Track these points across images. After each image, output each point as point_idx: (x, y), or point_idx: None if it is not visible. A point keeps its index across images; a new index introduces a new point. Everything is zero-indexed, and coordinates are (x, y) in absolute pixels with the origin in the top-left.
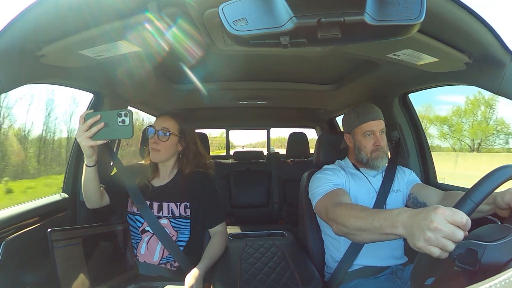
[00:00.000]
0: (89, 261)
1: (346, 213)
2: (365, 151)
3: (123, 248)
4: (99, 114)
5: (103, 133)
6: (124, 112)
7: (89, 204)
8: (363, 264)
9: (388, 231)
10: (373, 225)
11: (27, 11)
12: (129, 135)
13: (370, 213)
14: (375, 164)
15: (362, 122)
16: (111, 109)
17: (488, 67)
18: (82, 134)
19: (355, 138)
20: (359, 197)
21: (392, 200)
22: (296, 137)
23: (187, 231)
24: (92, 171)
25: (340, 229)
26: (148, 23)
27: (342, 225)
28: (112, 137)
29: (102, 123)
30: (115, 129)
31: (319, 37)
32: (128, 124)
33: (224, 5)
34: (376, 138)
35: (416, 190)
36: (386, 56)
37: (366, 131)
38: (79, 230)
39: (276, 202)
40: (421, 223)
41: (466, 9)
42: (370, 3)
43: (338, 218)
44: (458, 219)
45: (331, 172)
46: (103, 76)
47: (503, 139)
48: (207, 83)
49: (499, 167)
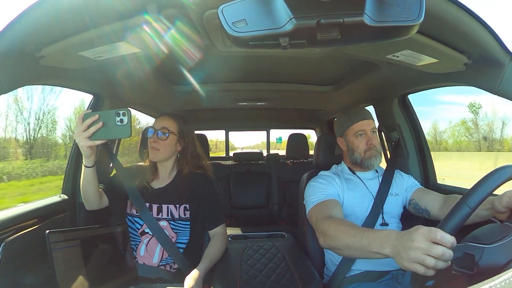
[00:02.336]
0: (88, 263)
1: (336, 228)
2: (358, 151)
3: (122, 250)
4: (97, 113)
5: (101, 133)
6: (122, 111)
7: (88, 206)
8: (363, 269)
9: (375, 250)
10: (361, 243)
11: (26, 12)
12: (128, 135)
13: (360, 231)
14: (369, 163)
15: (353, 123)
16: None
17: (487, 68)
18: (81, 134)
19: (347, 140)
20: (355, 203)
21: (391, 204)
22: (296, 138)
23: (187, 233)
24: (91, 171)
25: (327, 242)
26: (147, 25)
27: (330, 239)
28: (111, 136)
29: (101, 123)
30: (114, 128)
31: (319, 38)
32: (126, 123)
33: (223, 6)
34: (368, 137)
35: (417, 196)
36: (386, 57)
37: (358, 131)
38: (78, 232)
39: (276, 203)
40: (405, 244)
41: (465, 10)
42: (369, 4)
43: (327, 231)
44: (433, 235)
45: (325, 181)
46: (103, 77)
47: None
48: (207, 84)
49: (494, 169)
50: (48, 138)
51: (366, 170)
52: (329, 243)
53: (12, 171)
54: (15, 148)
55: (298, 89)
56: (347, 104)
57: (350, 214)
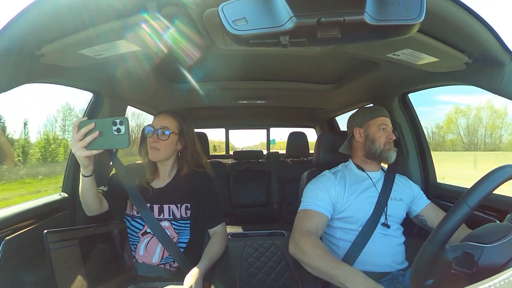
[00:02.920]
0: (87, 262)
1: (312, 249)
2: (380, 142)
3: (120, 249)
4: (93, 122)
5: (98, 142)
6: (119, 120)
7: (89, 212)
8: (363, 270)
9: (340, 281)
10: (331, 271)
11: (26, 10)
12: (125, 145)
13: (332, 260)
14: (389, 155)
15: (377, 116)
16: (111, 109)
17: (488, 67)
18: (76, 143)
19: (368, 130)
20: (359, 201)
21: (394, 208)
22: (296, 136)
23: (188, 232)
24: (89, 180)
25: (298, 255)
26: (147, 23)
27: (303, 255)
28: (108, 146)
29: (97, 132)
30: (111, 138)
31: (319, 36)
32: (124, 132)
33: (224, 4)
34: (389, 132)
35: (427, 214)
36: (386, 56)
37: (381, 124)
38: (76, 232)
39: (275, 202)
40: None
41: (466, 9)
42: (370, 3)
43: (303, 248)
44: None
45: (324, 187)
46: (103, 75)
47: None
48: (207, 82)
49: (494, 169)
50: None
51: (374, 166)
52: (300, 257)
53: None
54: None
55: (298, 88)
56: (347, 103)
57: (352, 215)
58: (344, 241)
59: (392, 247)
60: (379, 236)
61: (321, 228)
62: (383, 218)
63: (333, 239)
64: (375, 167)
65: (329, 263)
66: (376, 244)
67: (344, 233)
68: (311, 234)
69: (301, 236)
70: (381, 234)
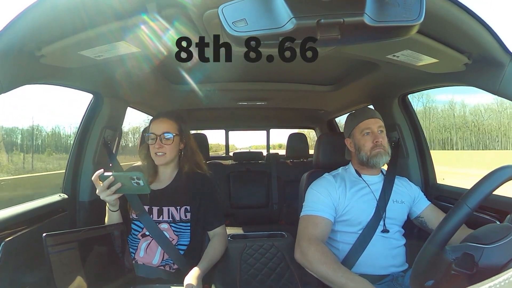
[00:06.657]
0: (86, 265)
1: (320, 257)
2: (365, 149)
3: (120, 251)
4: (111, 175)
5: (121, 189)
6: (136, 175)
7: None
8: (362, 272)
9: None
10: (339, 279)
11: (26, 11)
12: (147, 192)
13: (341, 269)
14: (375, 161)
15: (359, 122)
16: (111, 110)
17: (488, 68)
18: (103, 193)
19: (354, 139)
20: (358, 207)
21: (395, 211)
22: (296, 137)
23: (187, 234)
24: (117, 214)
25: (305, 264)
26: (147, 24)
27: (309, 263)
28: (131, 192)
29: (119, 183)
30: (132, 187)
31: (319, 38)
32: (144, 184)
33: (223, 6)
34: (375, 135)
35: (427, 216)
36: (386, 57)
37: (364, 129)
38: (75, 234)
39: (275, 203)
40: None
41: (465, 10)
42: (369, 4)
43: (312, 257)
44: None
45: (326, 191)
46: (103, 76)
47: None
48: (207, 83)
49: (494, 169)
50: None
51: (372, 171)
52: (307, 265)
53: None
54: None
55: (298, 89)
56: (347, 104)
57: (353, 218)
58: (344, 243)
59: (392, 250)
60: (379, 238)
61: (326, 233)
62: (382, 224)
63: (333, 242)
64: (374, 171)
65: (337, 272)
66: (376, 247)
67: (345, 236)
68: (319, 242)
69: (309, 244)
70: (381, 237)
